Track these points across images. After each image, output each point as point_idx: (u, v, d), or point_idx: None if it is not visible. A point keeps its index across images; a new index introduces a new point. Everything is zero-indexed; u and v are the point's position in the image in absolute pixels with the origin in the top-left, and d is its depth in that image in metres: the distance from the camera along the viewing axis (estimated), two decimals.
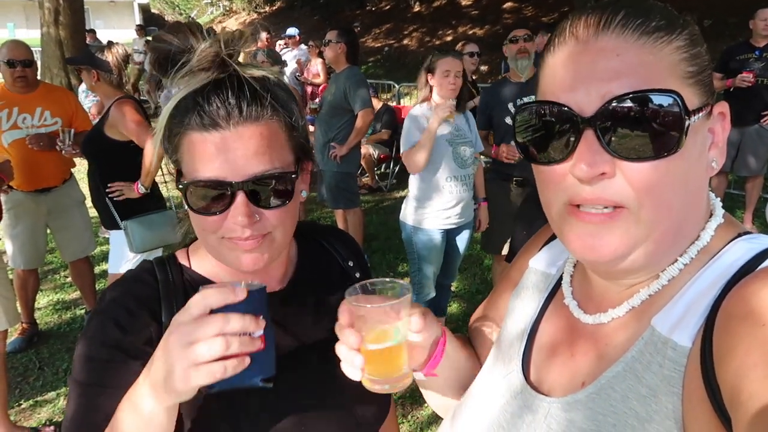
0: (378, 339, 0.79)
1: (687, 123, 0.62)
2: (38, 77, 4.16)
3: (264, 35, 9.60)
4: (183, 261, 1.06)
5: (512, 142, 3.63)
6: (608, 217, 0.65)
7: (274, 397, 0.98)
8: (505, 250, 4.12)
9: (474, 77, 6.02)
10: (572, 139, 0.65)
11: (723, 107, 0.70)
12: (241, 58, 0.96)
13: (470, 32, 15.61)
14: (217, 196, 0.90)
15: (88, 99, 7.64)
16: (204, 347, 0.71)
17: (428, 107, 3.54)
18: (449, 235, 3.70)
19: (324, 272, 1.17)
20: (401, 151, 3.62)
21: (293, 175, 0.94)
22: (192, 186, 0.90)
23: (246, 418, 0.97)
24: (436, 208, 3.57)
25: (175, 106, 0.92)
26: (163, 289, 0.99)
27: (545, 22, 13.12)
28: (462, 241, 3.79)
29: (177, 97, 0.93)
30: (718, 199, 0.74)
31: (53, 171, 4.04)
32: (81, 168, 4.58)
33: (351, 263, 1.23)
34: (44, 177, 3.98)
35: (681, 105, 0.61)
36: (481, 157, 3.72)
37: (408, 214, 3.69)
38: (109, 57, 3.45)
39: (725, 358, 0.56)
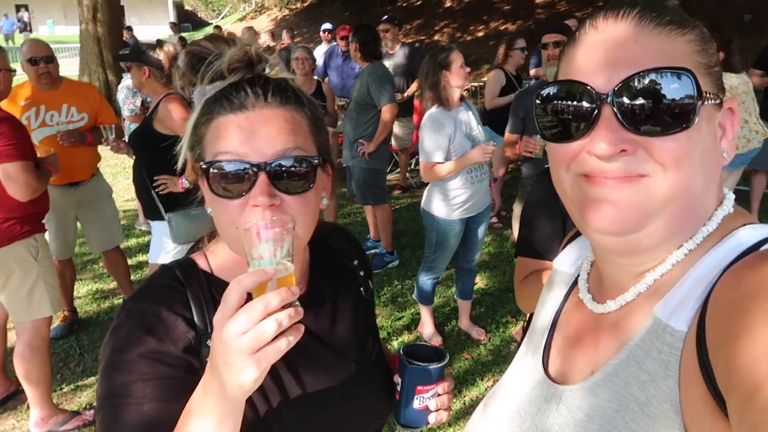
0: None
1: (700, 102, 0.64)
2: (77, 73, 4.25)
3: (286, 36, 9.94)
4: (202, 264, 1.03)
5: (536, 136, 3.59)
6: (626, 180, 0.65)
7: (300, 396, 1.00)
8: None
9: (518, 72, 5.98)
10: (591, 116, 0.66)
11: (732, 103, 0.72)
12: (268, 68, 1.00)
13: (502, 28, 15.47)
14: (238, 178, 0.87)
15: (139, 95, 6.55)
16: (258, 331, 0.70)
17: (444, 110, 3.53)
18: (469, 222, 3.80)
19: (335, 273, 1.16)
20: (420, 160, 3.64)
21: (315, 161, 0.92)
22: (213, 167, 0.88)
23: (274, 417, 0.98)
24: (458, 201, 3.65)
25: (204, 103, 0.95)
26: (192, 294, 0.96)
27: (579, 17, 12.91)
28: (482, 225, 3.88)
29: (207, 96, 0.95)
30: (732, 194, 0.75)
31: (83, 166, 4.12)
32: (105, 163, 4.64)
33: (356, 262, 1.22)
34: (74, 172, 4.04)
35: (694, 83, 0.63)
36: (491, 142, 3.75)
37: (430, 204, 3.75)
38: (161, 55, 3.50)
39: (717, 342, 0.56)
